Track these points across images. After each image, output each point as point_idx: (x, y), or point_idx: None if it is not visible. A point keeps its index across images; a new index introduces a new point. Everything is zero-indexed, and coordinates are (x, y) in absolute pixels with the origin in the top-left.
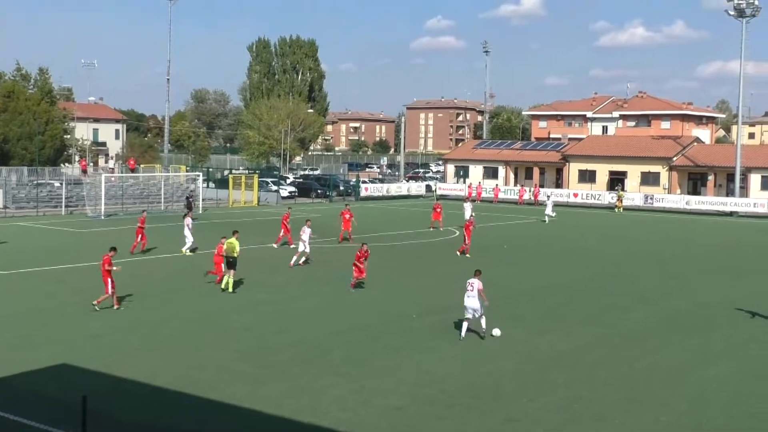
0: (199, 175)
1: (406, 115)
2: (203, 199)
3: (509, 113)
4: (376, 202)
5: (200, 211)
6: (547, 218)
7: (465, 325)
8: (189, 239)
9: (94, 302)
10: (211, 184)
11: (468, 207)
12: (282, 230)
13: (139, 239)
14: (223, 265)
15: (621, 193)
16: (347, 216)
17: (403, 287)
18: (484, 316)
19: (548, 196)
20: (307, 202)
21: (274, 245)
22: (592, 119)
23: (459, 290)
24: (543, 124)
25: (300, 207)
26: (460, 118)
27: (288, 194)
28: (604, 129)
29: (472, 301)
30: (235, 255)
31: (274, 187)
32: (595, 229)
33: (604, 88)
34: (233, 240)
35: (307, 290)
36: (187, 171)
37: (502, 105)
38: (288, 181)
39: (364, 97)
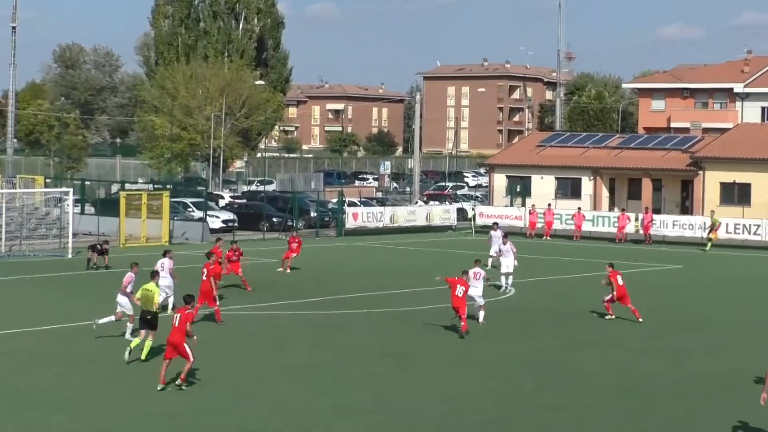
0: (68, 193)
1: (423, 90)
2: (75, 235)
3: (600, 86)
4: (373, 238)
5: (69, 255)
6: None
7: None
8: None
9: None
10: (89, 208)
11: (495, 240)
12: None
13: None
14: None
15: (716, 218)
16: (294, 245)
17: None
18: (483, 310)
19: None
20: (254, 238)
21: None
22: (744, 96)
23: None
24: (658, 104)
25: (243, 245)
26: (516, 94)
27: (222, 224)
28: (765, 112)
29: (476, 290)
30: (154, 309)
31: (197, 213)
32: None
33: (764, 43)
34: (151, 286)
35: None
36: (46, 185)
37: (588, 72)
38: (222, 202)
39: (351, 61)
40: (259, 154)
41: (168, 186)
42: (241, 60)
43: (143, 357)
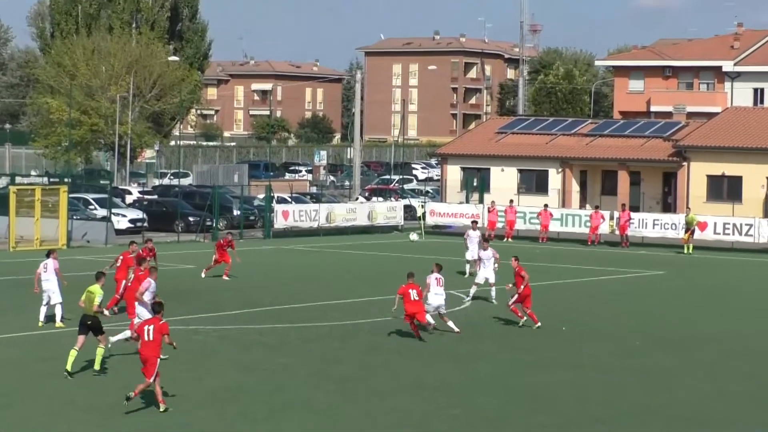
0: None
1: (365, 67)
2: None
3: (569, 63)
4: (307, 240)
5: None
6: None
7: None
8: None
9: None
10: None
11: (474, 240)
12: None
13: None
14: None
15: (692, 216)
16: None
17: None
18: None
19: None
20: (168, 240)
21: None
22: (735, 76)
23: None
24: (636, 84)
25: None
26: (473, 73)
27: (130, 224)
28: (759, 94)
29: (439, 299)
30: (92, 313)
31: (100, 211)
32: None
33: (757, 16)
34: (95, 288)
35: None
36: None
37: (555, 48)
38: (130, 198)
39: (280, 34)
40: (172, 143)
41: (66, 179)
42: (151, 32)
43: (97, 367)
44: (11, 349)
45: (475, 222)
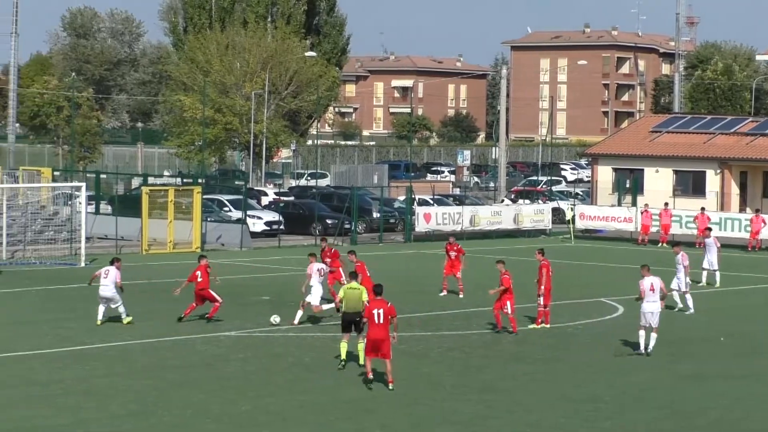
0: (80, 188)
1: (510, 62)
2: (88, 239)
3: (728, 58)
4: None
5: (82, 264)
6: None
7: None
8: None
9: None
10: (106, 206)
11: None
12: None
13: None
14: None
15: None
16: (453, 253)
17: None
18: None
19: None
20: (305, 244)
21: None
22: None
23: None
24: None
25: (289, 252)
26: (626, 68)
27: (265, 227)
28: None
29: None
30: (360, 310)
31: (235, 213)
32: None
33: None
34: (356, 285)
35: None
36: (54, 179)
37: (714, 42)
38: (266, 200)
39: (422, 28)
40: (309, 142)
41: (200, 180)
42: (287, 27)
43: (362, 362)
44: (143, 356)
45: (709, 229)
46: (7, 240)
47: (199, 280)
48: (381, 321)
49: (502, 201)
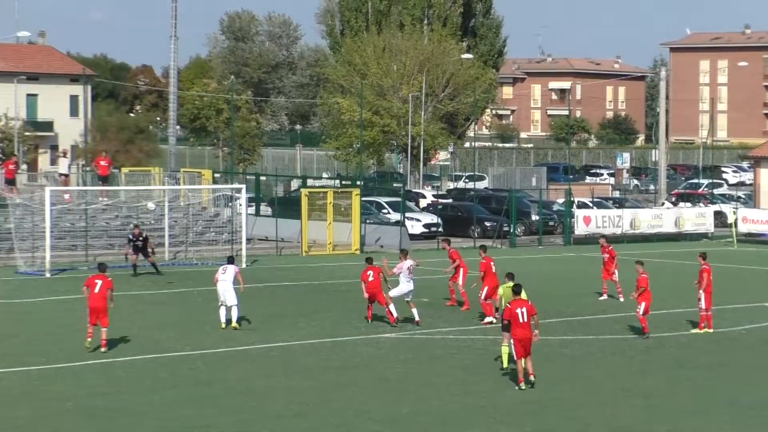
0: (240, 190)
1: (669, 64)
2: (249, 240)
3: None
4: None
5: (243, 265)
6: None
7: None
8: None
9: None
10: (265, 208)
11: None
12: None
13: None
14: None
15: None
16: (606, 255)
17: None
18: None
19: None
20: (463, 246)
21: None
22: None
23: None
24: None
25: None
26: None
27: (424, 229)
28: None
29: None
30: None
31: (393, 215)
32: None
33: None
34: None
35: None
36: (215, 181)
37: None
38: (424, 202)
39: (579, 30)
40: (467, 144)
41: (358, 182)
42: (443, 29)
43: (505, 365)
44: (305, 357)
45: None
46: (170, 241)
47: (371, 280)
48: (525, 320)
49: (663, 204)
